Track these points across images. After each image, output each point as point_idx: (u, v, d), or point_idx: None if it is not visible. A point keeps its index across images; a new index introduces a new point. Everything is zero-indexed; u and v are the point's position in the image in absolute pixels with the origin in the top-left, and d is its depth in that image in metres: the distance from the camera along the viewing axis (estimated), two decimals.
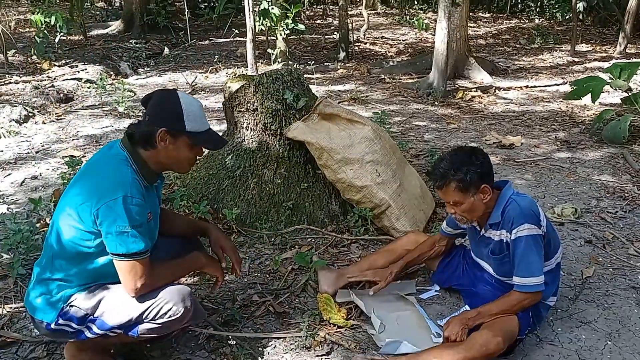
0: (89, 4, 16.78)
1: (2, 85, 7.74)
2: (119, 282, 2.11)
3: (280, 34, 9.44)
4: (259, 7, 8.95)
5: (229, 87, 3.87)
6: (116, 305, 2.12)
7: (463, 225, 2.69)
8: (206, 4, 15.80)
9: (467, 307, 2.76)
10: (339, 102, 7.13)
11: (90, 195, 2.01)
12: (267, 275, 3.16)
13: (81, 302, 2.12)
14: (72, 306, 2.12)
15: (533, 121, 6.41)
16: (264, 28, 9.45)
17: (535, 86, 8.35)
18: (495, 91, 7.91)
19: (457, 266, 2.92)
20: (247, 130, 3.78)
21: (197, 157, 2.30)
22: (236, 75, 4.05)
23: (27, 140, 5.54)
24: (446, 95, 7.52)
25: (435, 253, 2.94)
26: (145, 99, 2.18)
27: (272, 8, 8.83)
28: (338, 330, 2.64)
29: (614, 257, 3.36)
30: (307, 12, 17.36)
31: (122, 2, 14.11)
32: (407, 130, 6.00)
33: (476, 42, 12.45)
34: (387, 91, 8.05)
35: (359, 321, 2.72)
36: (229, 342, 2.50)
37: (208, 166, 3.95)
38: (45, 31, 9.72)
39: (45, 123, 6.29)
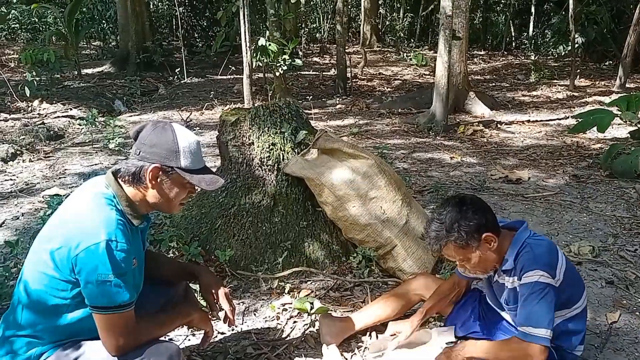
0: (84, 43, 16.78)
1: None
2: (97, 339, 1.84)
3: (278, 70, 9.33)
4: (256, 43, 8.86)
5: (224, 121, 3.66)
6: None
7: (481, 277, 2.44)
8: (203, 42, 15.84)
9: None
10: (339, 137, 6.94)
11: (69, 239, 1.76)
12: (263, 324, 2.88)
13: None
14: None
15: (539, 155, 6.22)
16: (261, 64, 9.35)
17: (537, 120, 8.20)
18: (497, 125, 7.75)
19: (472, 312, 2.64)
20: (243, 165, 3.55)
21: (190, 196, 2.06)
22: (232, 109, 3.85)
23: (10, 179, 5.30)
24: (447, 129, 7.35)
25: (456, 297, 2.67)
26: (136, 131, 1.93)
27: (269, 44, 8.73)
28: None
29: (639, 299, 3.10)
30: (304, 50, 17.42)
31: (118, 41, 14.06)
32: (409, 166, 5.79)
33: (474, 78, 12.40)
34: (387, 126, 7.89)
35: None
36: None
37: (200, 204, 3.71)
38: (38, 68, 9.57)
39: (32, 161, 6.06)
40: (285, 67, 9.37)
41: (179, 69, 12.06)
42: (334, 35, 16.29)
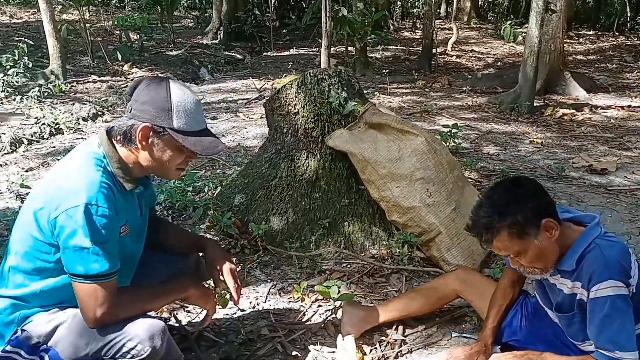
0: (184, 12, 17.26)
1: (80, 84, 7.89)
2: None
3: (359, 42, 9.02)
4: (339, 14, 8.60)
5: (274, 88, 3.48)
6: (73, 335, 1.73)
7: (538, 277, 2.03)
8: (295, 14, 15.77)
9: None
10: (411, 114, 6.60)
11: (50, 200, 1.65)
12: (286, 304, 2.70)
13: (35, 326, 1.75)
14: (24, 330, 1.76)
15: (633, 144, 5.55)
16: (344, 35, 9.08)
17: (639, 106, 7.38)
18: (591, 109, 7.03)
19: (514, 315, 2.31)
20: (287, 135, 3.37)
21: (189, 162, 1.90)
22: (287, 76, 3.66)
23: (82, 138, 5.45)
24: (533, 111, 6.76)
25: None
26: (132, 87, 1.79)
27: (350, 15, 8.44)
28: None
29: None
30: (396, 24, 16.90)
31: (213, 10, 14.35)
32: (482, 147, 5.36)
33: (575, 58, 11.44)
34: (467, 104, 7.41)
35: None
36: None
37: (245, 174, 3.58)
38: (130, 34, 9.93)
39: (107, 121, 6.24)
40: (367, 39, 9.06)
41: (266, 39, 12.06)
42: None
